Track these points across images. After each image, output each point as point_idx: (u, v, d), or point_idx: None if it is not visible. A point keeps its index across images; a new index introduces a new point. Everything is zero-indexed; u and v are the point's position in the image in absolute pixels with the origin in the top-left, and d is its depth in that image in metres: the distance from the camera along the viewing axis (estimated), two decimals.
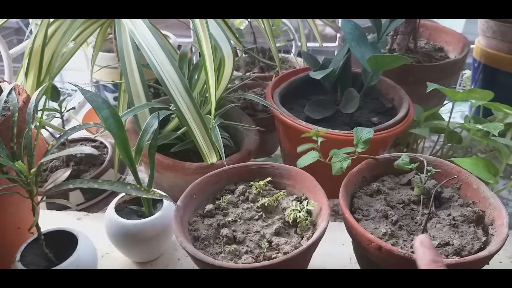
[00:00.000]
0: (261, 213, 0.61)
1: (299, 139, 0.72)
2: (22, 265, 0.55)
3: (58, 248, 0.58)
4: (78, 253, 0.56)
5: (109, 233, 0.65)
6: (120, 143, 0.60)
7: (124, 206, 0.68)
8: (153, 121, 0.65)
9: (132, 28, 0.75)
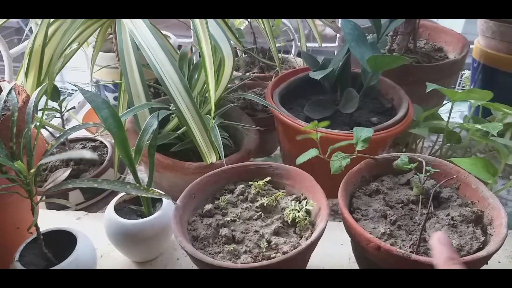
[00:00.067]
0: (260, 213, 0.61)
1: (298, 139, 0.72)
2: (21, 265, 0.55)
3: (57, 248, 0.58)
4: (77, 252, 0.56)
5: (108, 233, 0.65)
6: (119, 143, 0.61)
7: (124, 205, 0.68)
8: (153, 121, 0.65)
9: (132, 28, 0.75)
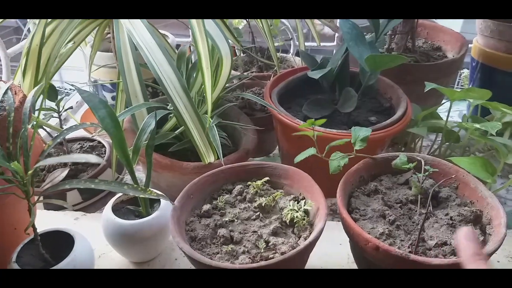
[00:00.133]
0: (259, 213, 0.61)
1: (297, 139, 0.72)
2: (18, 266, 0.55)
3: (55, 249, 0.58)
4: (74, 253, 0.56)
5: (106, 233, 0.64)
6: (117, 143, 0.60)
7: (122, 206, 0.68)
8: (151, 121, 0.65)
9: (130, 27, 0.75)
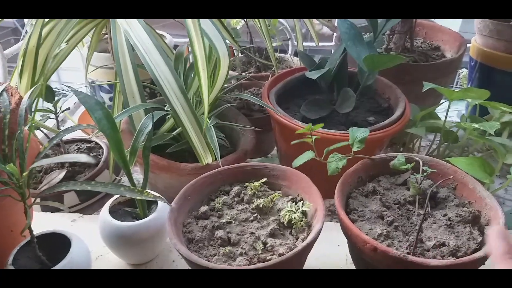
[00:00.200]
0: (256, 215, 0.60)
1: (295, 139, 0.71)
2: (14, 268, 0.55)
3: (52, 251, 0.58)
4: (71, 255, 0.56)
5: (103, 235, 0.64)
6: (113, 145, 0.60)
7: (119, 207, 0.68)
8: (148, 122, 0.65)
9: (127, 28, 0.75)
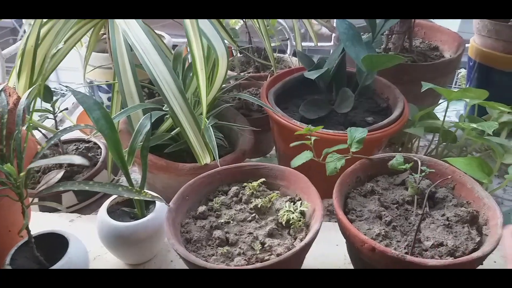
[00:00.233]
0: (254, 215, 0.60)
1: (293, 139, 0.71)
2: (12, 268, 0.55)
3: (49, 251, 0.57)
4: (69, 256, 0.56)
5: (101, 235, 0.64)
6: (112, 145, 0.60)
7: (117, 207, 0.67)
8: (146, 122, 0.65)
9: (125, 28, 0.74)
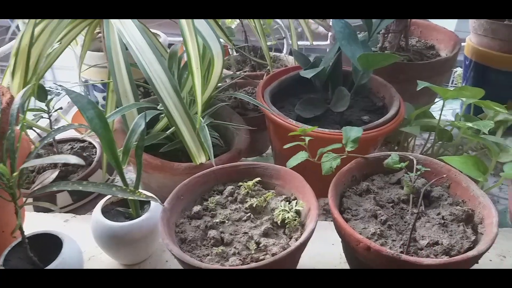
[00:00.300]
0: (250, 214, 0.60)
1: (289, 138, 0.71)
2: (5, 269, 0.54)
3: (43, 252, 0.57)
4: (63, 256, 0.55)
5: (95, 236, 0.64)
6: (106, 144, 0.60)
7: (111, 207, 0.67)
8: (141, 121, 0.64)
9: (120, 27, 0.74)
